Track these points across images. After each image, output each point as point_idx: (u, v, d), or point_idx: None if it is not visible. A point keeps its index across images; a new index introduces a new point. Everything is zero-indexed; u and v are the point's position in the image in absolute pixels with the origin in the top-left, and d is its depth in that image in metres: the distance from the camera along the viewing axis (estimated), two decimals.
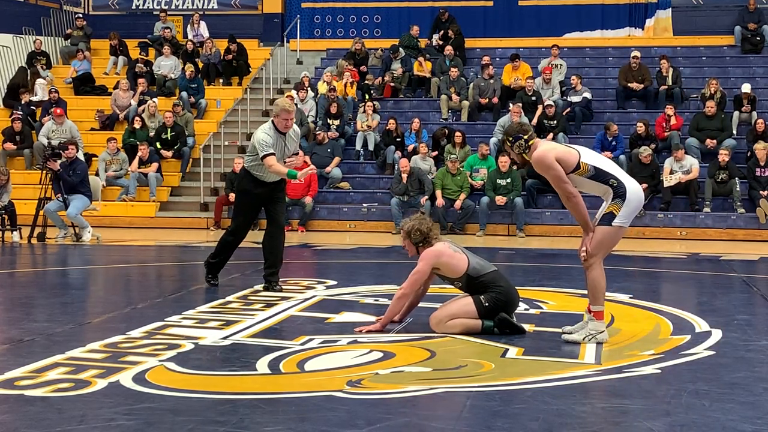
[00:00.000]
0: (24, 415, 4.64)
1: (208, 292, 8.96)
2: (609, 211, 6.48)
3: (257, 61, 22.08)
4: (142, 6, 24.76)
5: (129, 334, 6.60)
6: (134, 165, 17.81)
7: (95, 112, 20.28)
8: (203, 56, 21.74)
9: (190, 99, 20.26)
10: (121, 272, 11.33)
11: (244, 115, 20.07)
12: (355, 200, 17.37)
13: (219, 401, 4.91)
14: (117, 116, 20.10)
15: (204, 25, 22.55)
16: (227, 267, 9.56)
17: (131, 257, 12.91)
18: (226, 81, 21.70)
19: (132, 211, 17.34)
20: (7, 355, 5.96)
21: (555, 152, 6.49)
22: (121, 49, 22.52)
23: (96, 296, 9.66)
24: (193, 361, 5.79)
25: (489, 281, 6.82)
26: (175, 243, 14.41)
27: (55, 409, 4.71)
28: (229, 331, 6.82)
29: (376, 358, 5.95)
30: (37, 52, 22.16)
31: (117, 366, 5.58)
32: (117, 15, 24.81)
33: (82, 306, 8.60)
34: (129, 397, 4.95)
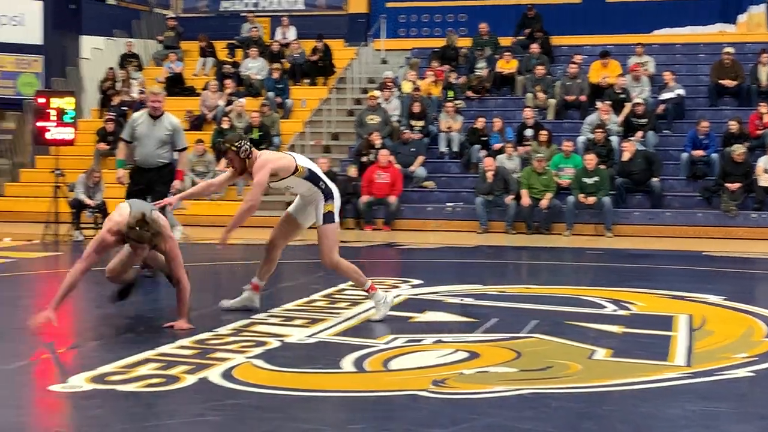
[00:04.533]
0: (116, 409, 4.73)
1: (294, 290, 9.03)
2: (327, 210, 7.21)
3: (342, 61, 22.18)
4: (231, 8, 25.08)
5: (217, 331, 6.69)
6: (221, 164, 18.02)
7: (185, 113, 20.61)
8: (289, 57, 21.92)
9: (276, 99, 20.45)
10: (208, 270, 11.48)
11: (329, 115, 20.19)
12: (439, 199, 17.33)
13: (305, 398, 4.94)
14: (205, 116, 20.39)
15: (293, 29, 22.74)
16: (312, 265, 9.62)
17: (218, 255, 13.04)
18: (312, 81, 21.84)
19: (219, 210, 17.54)
20: (99, 351, 6.09)
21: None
22: (209, 51, 22.84)
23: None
24: (280, 359, 5.83)
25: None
26: (262, 241, 14.51)
27: (145, 404, 4.80)
28: (315, 329, 6.86)
29: (461, 358, 5.93)
30: (129, 54, 22.60)
31: (206, 362, 5.65)
32: (206, 17, 25.16)
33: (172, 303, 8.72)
34: (217, 393, 5.01)
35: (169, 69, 22.20)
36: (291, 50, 22.05)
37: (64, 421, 4.70)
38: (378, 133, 17.78)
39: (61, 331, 6.91)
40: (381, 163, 16.90)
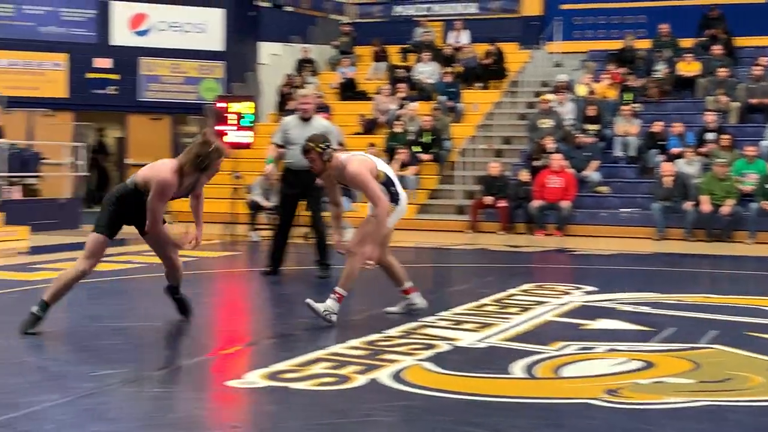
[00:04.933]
0: (289, 406, 4.82)
1: (464, 294, 9.00)
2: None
3: (515, 64, 22.03)
4: (404, 12, 25.30)
5: (386, 332, 6.73)
6: (393, 168, 18.20)
7: (358, 117, 20.91)
8: (462, 60, 21.93)
9: (448, 103, 20.49)
10: (380, 272, 11.58)
11: (502, 119, 20.08)
12: (614, 205, 16.98)
13: (474, 403, 4.91)
14: (377, 120, 20.62)
15: (466, 33, 22.75)
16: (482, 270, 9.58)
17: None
18: (484, 84, 21.78)
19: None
20: (273, 349, 6.23)
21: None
22: (382, 55, 23.12)
23: (356, 295, 9.90)
24: (449, 362, 5.82)
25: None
26: (431, 245, 14.60)
27: (318, 402, 4.87)
28: (485, 333, 6.82)
29: (636, 368, 5.77)
30: (305, 59, 23.11)
31: (376, 363, 5.70)
32: (379, 22, 25.48)
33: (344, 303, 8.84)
34: (387, 394, 5.04)
35: (343, 74, 22.58)
36: (463, 54, 22.06)
37: (240, 415, 4.82)
38: (551, 137, 17.56)
39: (237, 329, 7.11)
40: (554, 167, 16.69)
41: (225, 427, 4.64)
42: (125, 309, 8.07)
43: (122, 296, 8.94)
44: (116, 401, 4.84)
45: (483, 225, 17.03)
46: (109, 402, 4.80)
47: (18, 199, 16.24)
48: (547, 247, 14.55)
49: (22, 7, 20.62)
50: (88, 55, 20.97)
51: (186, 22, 21.74)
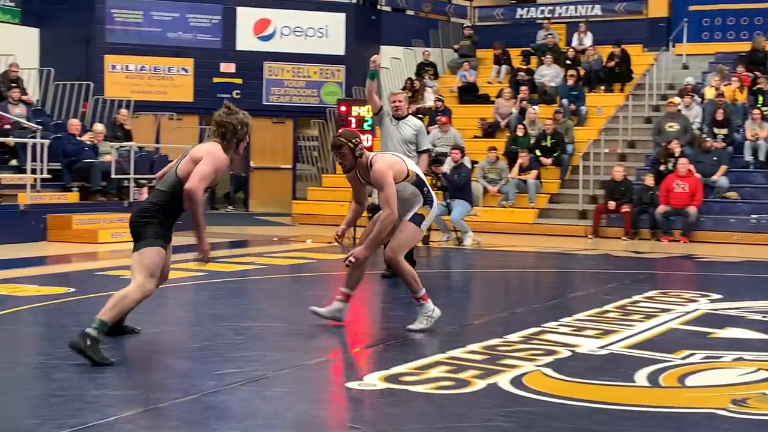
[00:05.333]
0: (408, 409, 4.82)
1: (586, 300, 8.87)
2: (420, 213, 6.85)
3: (640, 66, 21.61)
4: (526, 15, 25.10)
5: (507, 337, 6.67)
6: (514, 171, 18.07)
7: (478, 120, 20.83)
8: (585, 63, 21.64)
9: (570, 106, 20.24)
10: (499, 277, 11.52)
11: (626, 122, 19.72)
12: (743, 210, 16.50)
13: (595, 410, 4.83)
14: (498, 124, 20.51)
15: (589, 35, 22.45)
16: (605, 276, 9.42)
17: (510, 262, 13.09)
18: (608, 87, 21.44)
19: (511, 217, 17.59)
20: (394, 351, 6.24)
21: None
22: (504, 58, 22.98)
23: (476, 299, 9.89)
24: (570, 369, 5.74)
25: None
26: (553, 250, 14.43)
27: (436, 406, 4.86)
28: (607, 340, 6.70)
29: (764, 378, 5.59)
30: (425, 62, 23.15)
31: (495, 368, 5.65)
32: (501, 25, 25.34)
33: (463, 308, 8.83)
34: (506, 399, 5.00)
35: (463, 77, 22.53)
36: (587, 56, 21.76)
37: (359, 417, 4.84)
38: (677, 141, 17.16)
39: (357, 331, 7.15)
40: (680, 172, 16.31)
41: (344, 428, 4.66)
42: (247, 309, 8.20)
43: (244, 296, 9.10)
44: (238, 400, 4.91)
45: (606, 230, 16.77)
46: (231, 401, 4.88)
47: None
48: (672, 254, 14.23)
49: (151, 13, 21.20)
50: (214, 59, 21.44)
51: (308, 27, 22.01)
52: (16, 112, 16.16)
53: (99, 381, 5.24)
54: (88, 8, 20.71)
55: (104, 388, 5.07)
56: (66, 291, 8.78)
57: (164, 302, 8.72)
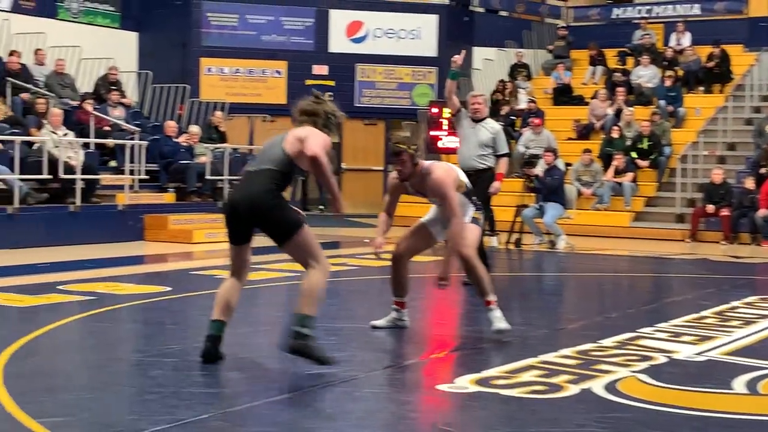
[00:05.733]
0: (499, 413, 4.78)
1: (682, 305, 8.70)
2: (475, 217, 6.76)
3: (741, 67, 21.11)
4: (622, 15, 24.74)
5: (601, 342, 6.57)
6: (609, 174, 17.82)
7: (572, 122, 20.61)
8: (683, 64, 21.24)
9: (668, 108, 19.89)
10: (593, 281, 11.37)
11: (725, 124, 19.30)
12: None
13: (691, 417, 4.72)
14: (593, 126, 20.25)
15: (688, 35, 22.03)
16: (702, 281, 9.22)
17: (604, 266, 12.91)
18: (707, 88, 21.01)
19: (606, 220, 17.35)
20: (484, 355, 6.21)
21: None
22: (599, 59, 22.69)
23: (569, 303, 9.77)
24: (666, 375, 5.62)
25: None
26: (649, 254, 14.18)
27: (528, 410, 4.81)
28: (704, 346, 6.55)
29: None
30: (519, 64, 22.99)
31: (589, 373, 5.57)
32: (597, 25, 25.02)
33: (556, 312, 8.74)
34: (600, 405, 4.92)
35: (557, 79, 22.31)
36: (685, 57, 21.35)
37: (450, 419, 4.82)
38: None
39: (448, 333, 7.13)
40: None
41: (435, 430, 4.65)
42: (339, 310, 8.24)
43: (336, 298, 9.13)
44: (329, 400, 4.93)
45: (704, 234, 16.43)
46: (323, 401, 4.91)
47: None
48: (759, 260, 13.86)
49: (246, 16, 21.49)
50: (307, 62, 21.62)
51: (401, 29, 22.05)
52: (115, 114, 16.54)
53: (193, 379, 5.32)
54: (185, 12, 21.09)
55: (198, 386, 5.14)
56: (162, 290, 8.94)
57: (257, 302, 8.83)
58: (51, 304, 7.92)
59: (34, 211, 13.24)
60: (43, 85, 16.81)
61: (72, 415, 4.50)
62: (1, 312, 7.61)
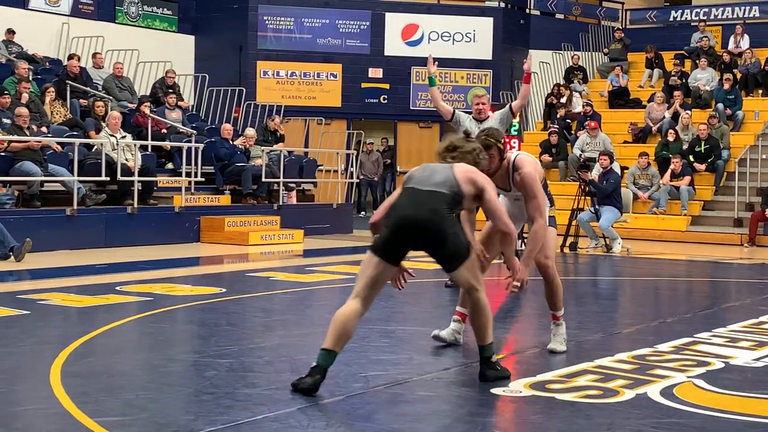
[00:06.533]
0: (554, 417, 4.75)
1: (740, 310, 8.58)
2: (552, 215, 6.39)
3: None
4: (680, 17, 24.48)
5: (657, 347, 6.51)
6: (666, 178, 17.63)
7: (628, 125, 20.43)
8: (741, 66, 20.96)
9: (726, 111, 19.64)
10: (650, 285, 11.26)
11: None
12: None
13: (750, 424, 4.66)
14: (650, 129, 20.06)
15: (746, 37, 21.74)
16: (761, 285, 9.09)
17: (661, 271, 12.78)
18: (766, 91, 20.71)
19: (662, 224, 17.19)
20: (539, 358, 6.18)
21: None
22: (656, 62, 22.47)
23: (625, 307, 9.69)
24: (723, 381, 5.55)
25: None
26: (706, 258, 14.01)
27: (583, 415, 4.78)
28: (763, 352, 6.46)
29: None
30: (575, 67, 22.84)
31: (645, 378, 5.52)
32: (654, 27, 24.80)
33: (611, 316, 8.67)
34: (656, 410, 4.87)
35: (613, 81, 22.14)
36: (744, 59, 21.07)
37: (505, 423, 4.80)
38: None
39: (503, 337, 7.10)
40: None
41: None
42: (393, 312, 8.25)
43: (390, 300, 9.15)
44: (383, 402, 4.94)
45: (762, 239, 16.21)
46: (377, 403, 4.92)
47: (294, 203, 17.01)
48: None
49: (302, 20, 21.60)
50: (362, 65, 21.68)
51: (456, 32, 22.03)
52: (172, 116, 16.73)
53: (248, 380, 5.36)
54: (242, 16, 21.26)
55: (253, 387, 5.18)
56: (218, 291, 9.02)
57: (311, 304, 8.88)
58: (109, 305, 8.03)
59: (93, 212, 13.43)
60: (101, 88, 17.05)
61: (129, 415, 4.56)
62: (60, 312, 7.74)
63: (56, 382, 5.14)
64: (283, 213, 15.90)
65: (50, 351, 5.96)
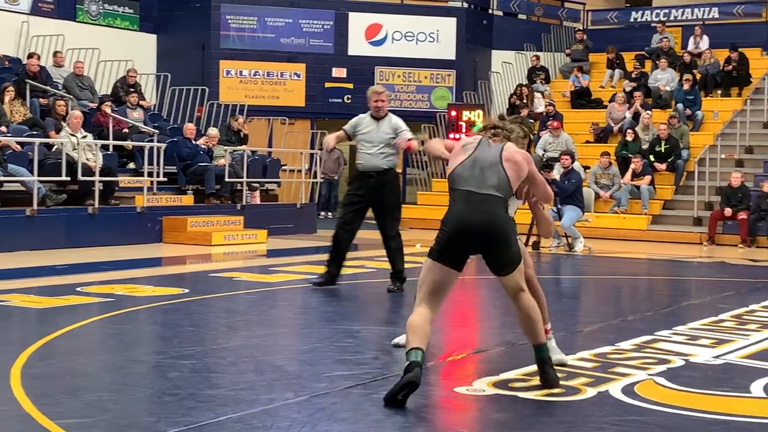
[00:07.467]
0: (517, 415, 4.78)
1: (700, 308, 8.67)
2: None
3: (759, 70, 21.05)
4: (641, 18, 24.69)
5: (618, 345, 6.57)
6: (627, 177, 17.78)
7: (590, 125, 20.58)
8: (701, 67, 21.18)
9: (686, 111, 19.83)
10: (611, 284, 11.35)
11: (743, 128, 19.23)
12: None
13: (711, 421, 4.71)
14: (611, 129, 20.22)
15: (706, 38, 21.96)
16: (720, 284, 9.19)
17: (622, 269, 12.89)
18: (725, 92, 20.94)
19: (624, 224, 17.32)
20: (503, 358, 6.20)
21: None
22: (617, 62, 22.65)
23: (587, 306, 9.76)
24: (684, 378, 5.61)
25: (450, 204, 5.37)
26: (666, 257, 14.15)
27: (546, 413, 4.81)
28: (722, 350, 6.54)
29: None
30: (537, 67, 22.96)
31: (606, 376, 5.57)
32: (615, 28, 24.99)
33: (574, 314, 8.72)
34: (618, 408, 4.92)
35: (575, 82, 22.29)
36: (703, 60, 21.30)
37: (468, 422, 4.82)
38: None
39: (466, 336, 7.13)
40: None
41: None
42: (357, 312, 8.25)
43: (354, 300, 9.16)
44: (348, 402, 4.94)
45: (722, 237, 16.39)
46: (341, 403, 4.92)
47: (257, 203, 16.96)
48: None
49: (265, 19, 21.54)
50: (326, 65, 21.66)
51: (419, 32, 22.07)
52: (133, 116, 16.62)
53: (212, 381, 5.34)
54: (205, 15, 21.17)
55: (216, 388, 5.17)
56: (181, 292, 8.97)
57: (275, 304, 8.86)
58: (70, 306, 7.97)
59: (53, 213, 13.31)
60: (61, 88, 16.90)
61: (91, 417, 4.53)
62: (20, 313, 7.67)
63: (16, 384, 5.09)
64: (246, 213, 15.85)
65: (10, 353, 5.90)
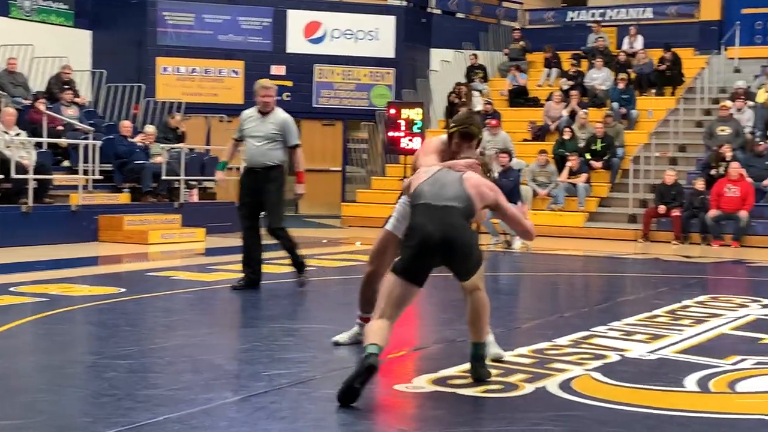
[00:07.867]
0: (457, 412, 4.82)
1: (635, 304, 8.80)
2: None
3: (692, 70, 21.40)
4: (577, 18, 24.96)
5: (555, 341, 6.64)
6: (564, 175, 17.97)
7: (528, 124, 20.75)
8: (636, 66, 21.48)
9: (621, 110, 20.10)
10: (548, 280, 11.47)
11: (677, 126, 19.55)
12: None
13: (646, 415, 4.79)
14: (548, 127, 20.42)
15: (640, 38, 22.27)
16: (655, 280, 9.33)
17: (559, 266, 13.03)
18: (659, 91, 21.26)
19: (560, 221, 17.50)
20: (441, 355, 6.24)
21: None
22: (554, 62, 22.87)
23: (524, 302, 9.85)
24: (619, 373, 5.70)
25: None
26: (602, 254, 14.33)
27: (484, 409, 4.85)
28: (657, 345, 6.64)
29: None
30: (475, 66, 23.09)
31: (544, 372, 5.63)
32: (552, 28, 25.23)
33: (511, 311, 8.80)
34: (555, 403, 4.98)
35: (512, 81, 22.46)
36: (638, 60, 21.60)
37: (408, 420, 4.85)
38: (729, 145, 16.99)
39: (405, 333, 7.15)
40: (731, 176, 16.12)
41: (392, 430, 4.67)
42: (296, 311, 8.24)
43: (293, 298, 9.14)
44: (287, 401, 4.94)
45: (656, 234, 16.64)
46: (281, 401, 4.91)
47: (195, 201, 16.84)
48: (723, 258, 14.08)
49: (203, 16, 21.38)
50: (264, 62, 21.55)
51: (358, 30, 22.07)
52: (68, 113, 16.40)
53: (149, 381, 5.30)
54: (141, 11, 20.94)
55: (154, 388, 5.13)
56: (117, 291, 8.88)
57: (213, 303, 8.81)
58: (3, 306, 7.84)
59: None
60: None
61: (27, 418, 4.47)
62: None
63: None
64: (184, 211, 15.73)
65: None
